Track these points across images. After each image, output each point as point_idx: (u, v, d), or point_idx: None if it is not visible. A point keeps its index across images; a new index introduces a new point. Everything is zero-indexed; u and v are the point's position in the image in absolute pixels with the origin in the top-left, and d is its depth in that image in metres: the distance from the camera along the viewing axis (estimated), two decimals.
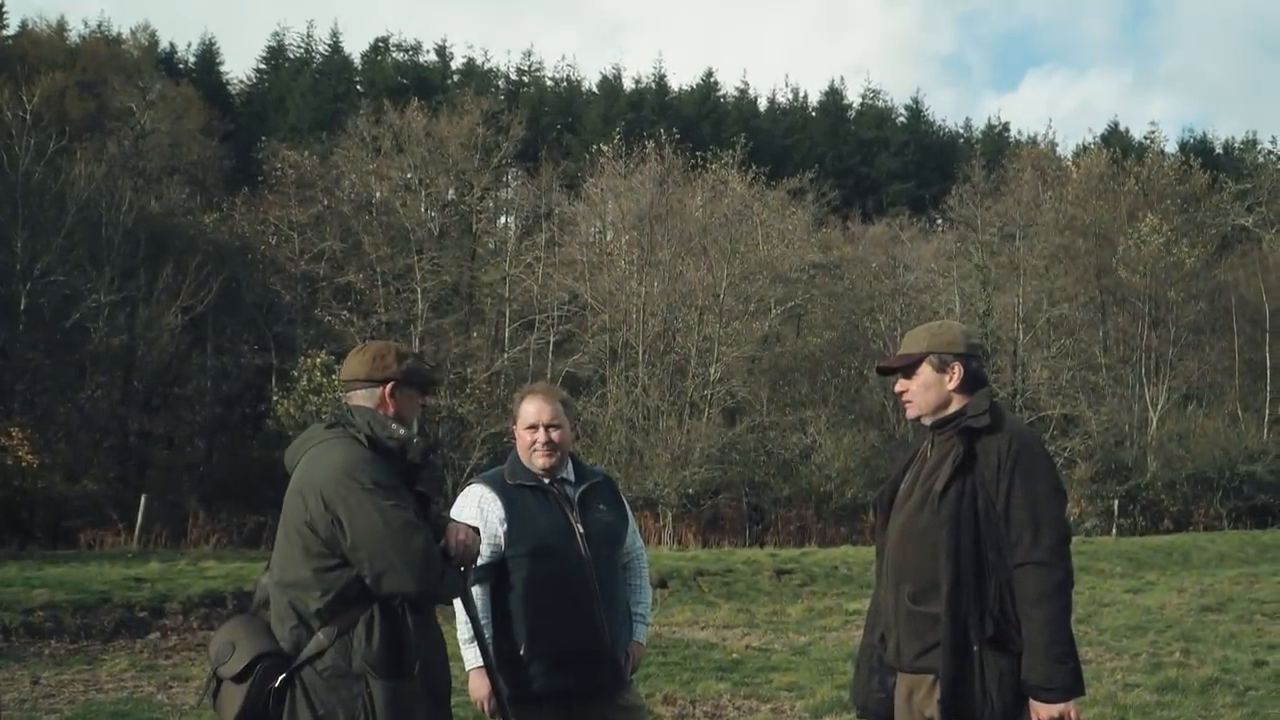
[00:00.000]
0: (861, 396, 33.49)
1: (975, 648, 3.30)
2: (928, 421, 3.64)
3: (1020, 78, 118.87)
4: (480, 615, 3.71)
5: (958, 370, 3.57)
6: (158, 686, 8.83)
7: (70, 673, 9.36)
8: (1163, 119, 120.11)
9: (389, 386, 3.36)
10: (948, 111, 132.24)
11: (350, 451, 3.19)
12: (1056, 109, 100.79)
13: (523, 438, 4.04)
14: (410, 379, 3.41)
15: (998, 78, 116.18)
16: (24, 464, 22.14)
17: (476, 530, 3.40)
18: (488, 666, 3.66)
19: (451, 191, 35.06)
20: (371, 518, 3.04)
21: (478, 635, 3.64)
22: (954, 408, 3.57)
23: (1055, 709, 3.26)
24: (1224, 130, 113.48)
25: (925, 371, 3.60)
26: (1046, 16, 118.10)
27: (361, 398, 3.38)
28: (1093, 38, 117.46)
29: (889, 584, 3.56)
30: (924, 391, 3.61)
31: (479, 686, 3.79)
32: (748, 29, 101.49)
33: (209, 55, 54.06)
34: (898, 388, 3.70)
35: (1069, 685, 3.26)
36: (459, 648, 3.83)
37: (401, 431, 3.29)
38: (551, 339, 31.87)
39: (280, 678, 3.07)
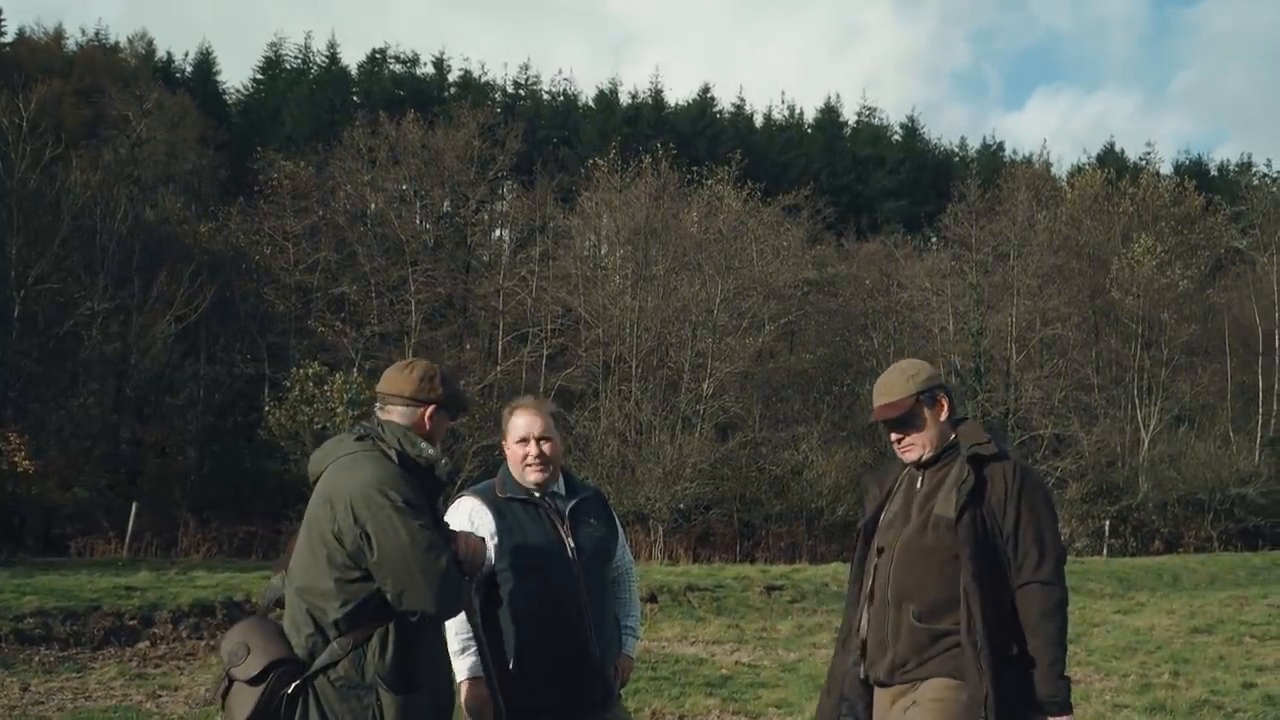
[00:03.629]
0: (854, 413, 33.45)
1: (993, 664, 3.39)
2: (928, 457, 3.64)
3: (1028, 96, 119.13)
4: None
5: (944, 399, 3.65)
6: (146, 695, 8.81)
7: (59, 680, 9.34)
8: (1174, 138, 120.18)
9: (431, 409, 3.36)
10: (958, 128, 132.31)
11: (382, 467, 3.19)
12: (1066, 127, 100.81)
13: (514, 452, 3.99)
14: (452, 404, 3.42)
15: (1007, 95, 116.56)
16: (20, 469, 22.09)
17: (484, 540, 3.42)
18: (488, 678, 3.63)
19: (447, 204, 35.17)
20: (400, 536, 3.05)
21: (479, 646, 3.64)
22: (950, 438, 3.63)
23: None
24: (1237, 151, 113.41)
25: (924, 413, 3.62)
26: (1067, 32, 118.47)
27: (398, 414, 3.37)
28: (1109, 55, 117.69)
29: (888, 603, 3.56)
30: (927, 432, 3.63)
31: (474, 697, 3.77)
32: (759, 44, 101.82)
33: (206, 65, 54.04)
34: (903, 440, 3.65)
35: (1067, 700, 3.37)
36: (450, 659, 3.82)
37: (430, 451, 3.30)
38: (545, 352, 31.89)
39: (294, 684, 3.09)
